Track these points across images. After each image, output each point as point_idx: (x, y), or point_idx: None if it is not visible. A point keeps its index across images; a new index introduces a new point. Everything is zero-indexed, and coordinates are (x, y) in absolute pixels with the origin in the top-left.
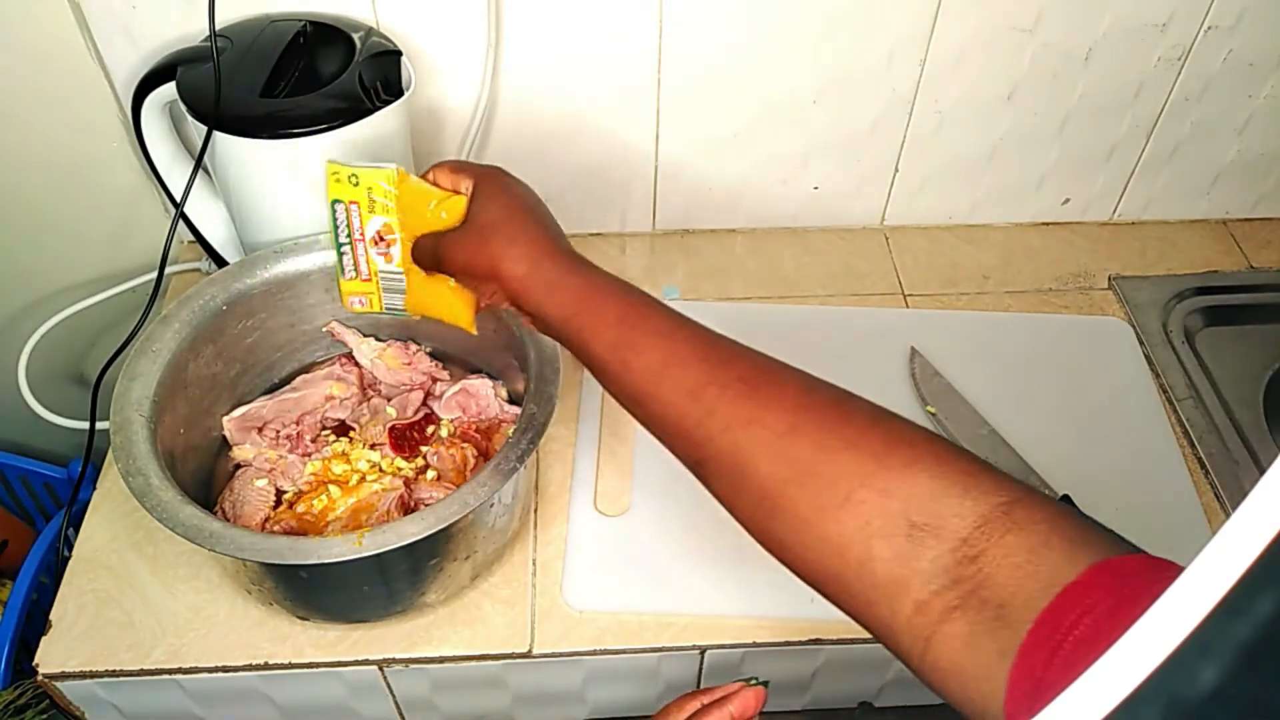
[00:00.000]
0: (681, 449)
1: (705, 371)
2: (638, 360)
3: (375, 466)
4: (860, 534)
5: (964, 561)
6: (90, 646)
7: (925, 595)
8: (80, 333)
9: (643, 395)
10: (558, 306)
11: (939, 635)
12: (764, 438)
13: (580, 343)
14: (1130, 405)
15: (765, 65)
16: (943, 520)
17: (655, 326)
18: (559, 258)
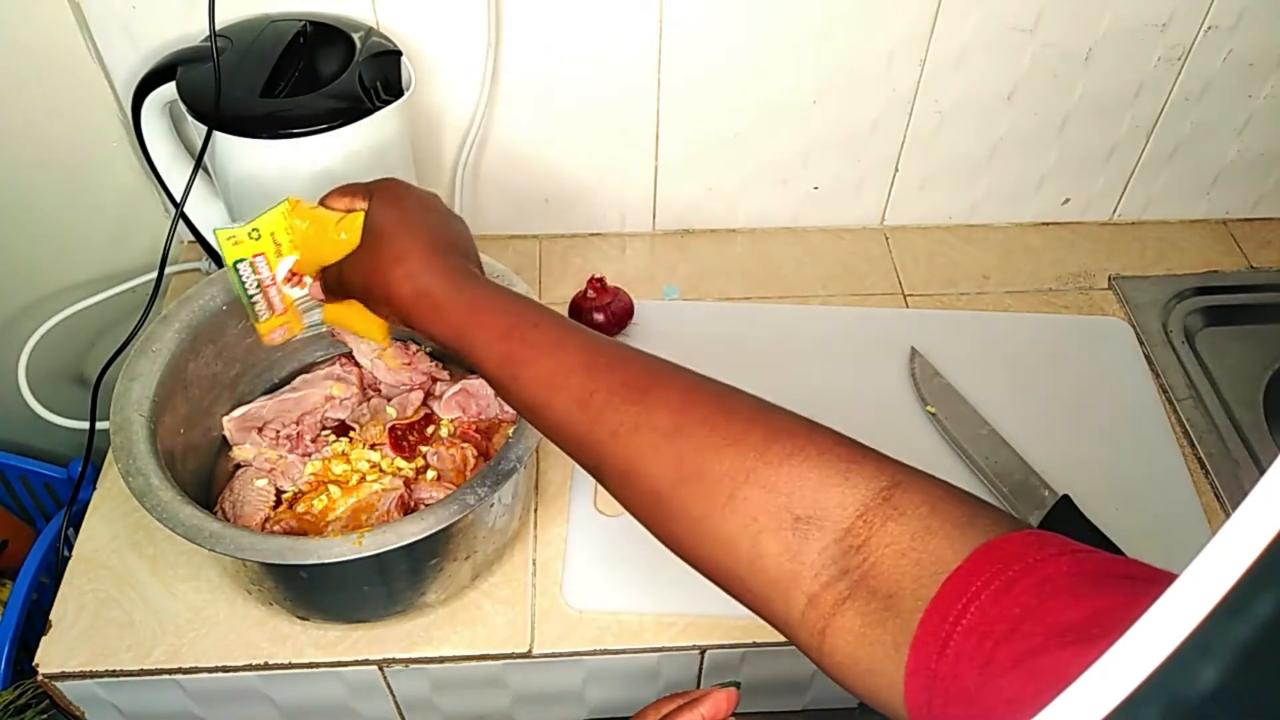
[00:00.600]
0: (578, 456)
1: (591, 379)
2: (527, 373)
3: (375, 466)
4: (747, 531)
5: (849, 551)
6: (90, 646)
7: (816, 588)
8: (80, 333)
9: (536, 406)
10: (445, 325)
11: (832, 628)
12: (651, 440)
13: (472, 359)
14: (1130, 405)
15: (765, 65)
16: (825, 511)
17: (541, 338)
18: (445, 274)
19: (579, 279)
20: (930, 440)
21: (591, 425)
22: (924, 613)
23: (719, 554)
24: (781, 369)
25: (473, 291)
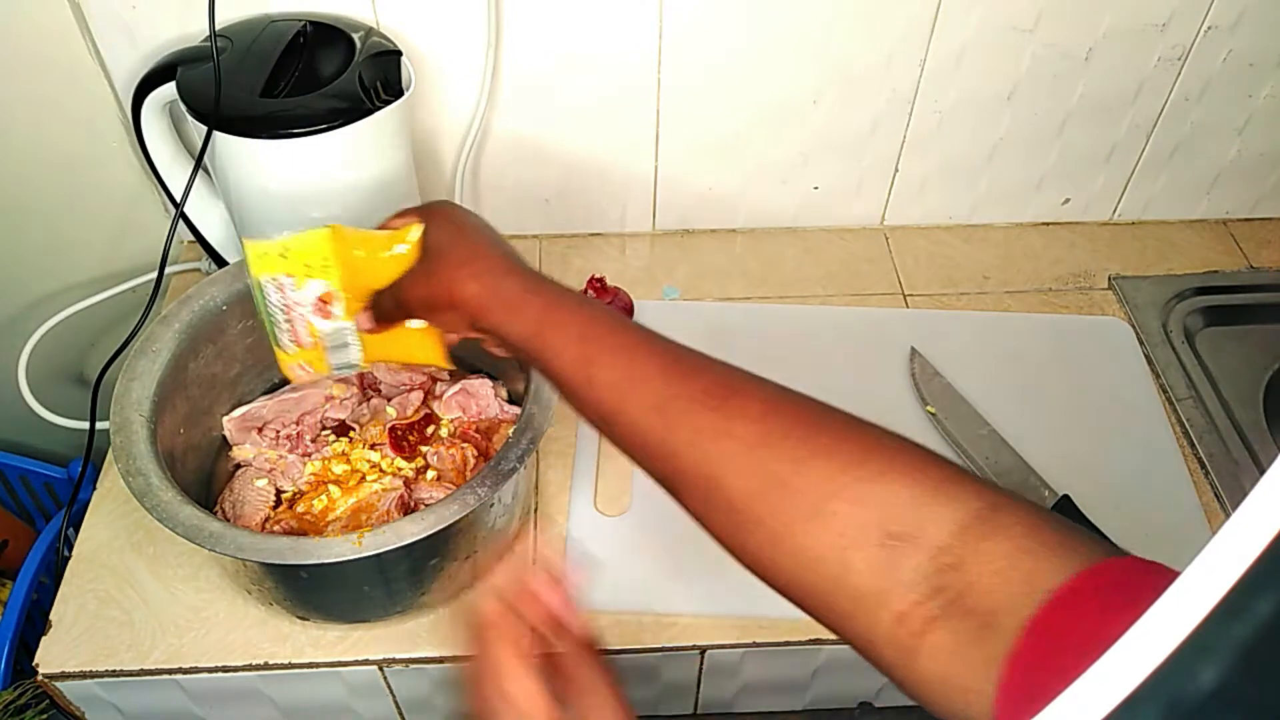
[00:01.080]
0: (651, 465)
1: (670, 385)
2: (601, 376)
3: (375, 466)
4: (835, 546)
5: (944, 570)
6: (90, 646)
7: (905, 606)
8: (80, 333)
9: (608, 412)
10: (518, 325)
11: (923, 646)
12: (732, 450)
13: (543, 361)
14: (1130, 405)
15: (765, 66)
16: (920, 529)
17: (618, 342)
18: (516, 275)
19: (579, 279)
20: (930, 440)
21: (668, 432)
22: (1022, 630)
23: (801, 569)
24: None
25: (548, 293)
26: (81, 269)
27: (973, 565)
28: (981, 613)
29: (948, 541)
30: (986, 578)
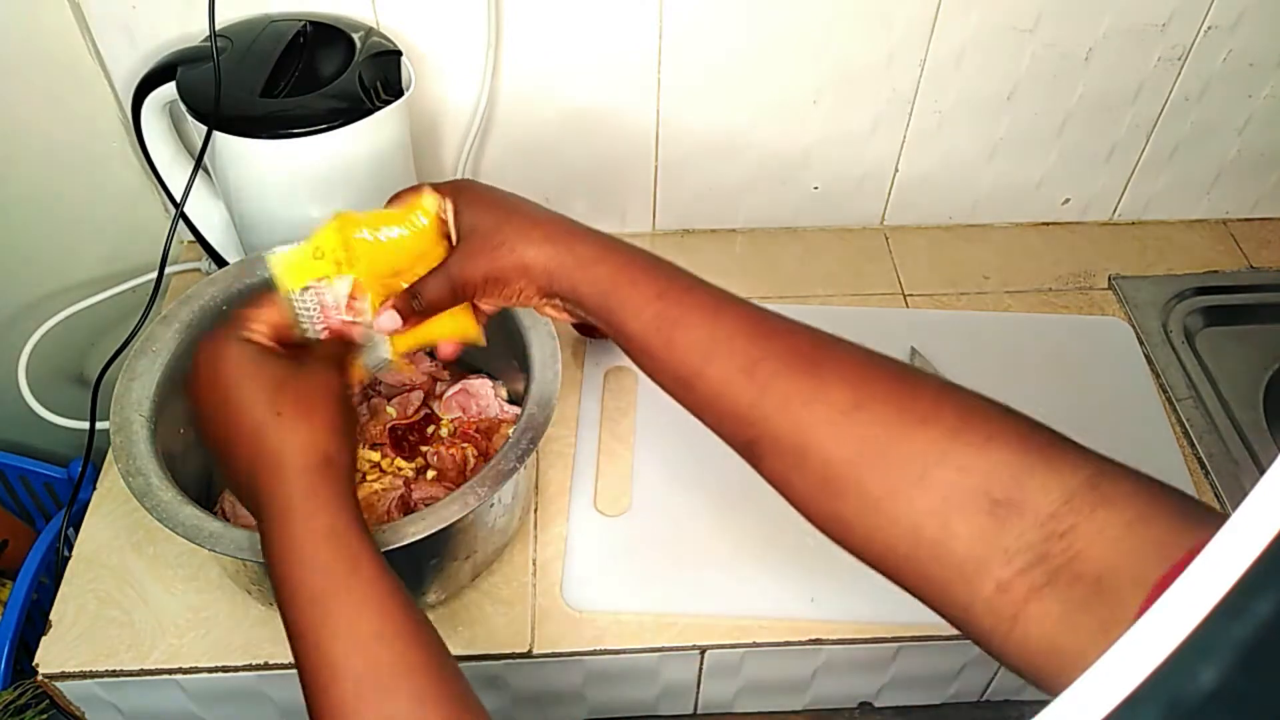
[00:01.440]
0: (732, 430)
1: (758, 346)
2: (683, 337)
3: (375, 466)
4: (936, 513)
5: (1051, 538)
6: (90, 646)
7: (1008, 574)
8: (80, 333)
9: (689, 374)
10: (593, 283)
11: (1026, 614)
12: (827, 415)
13: (619, 321)
14: (1130, 405)
15: (765, 66)
16: (1026, 496)
17: (699, 301)
18: (584, 235)
19: None
20: None
21: (758, 395)
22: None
23: (896, 537)
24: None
25: (621, 251)
26: (81, 269)
27: (1084, 533)
28: (1093, 579)
29: (1057, 509)
30: (1100, 545)
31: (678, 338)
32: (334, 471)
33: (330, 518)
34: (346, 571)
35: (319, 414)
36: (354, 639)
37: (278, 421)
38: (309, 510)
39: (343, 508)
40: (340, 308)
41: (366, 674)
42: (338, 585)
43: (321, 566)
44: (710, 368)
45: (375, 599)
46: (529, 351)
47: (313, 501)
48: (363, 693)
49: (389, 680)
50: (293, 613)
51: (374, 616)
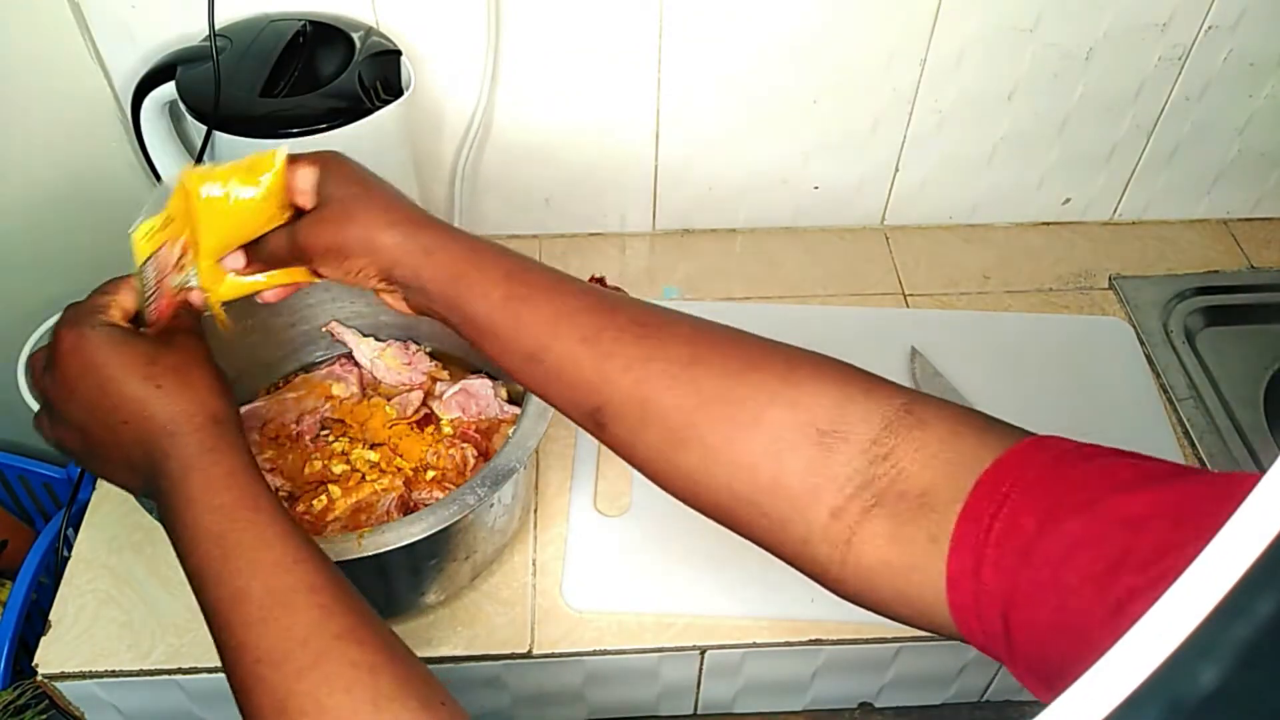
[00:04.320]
0: (577, 399)
1: (601, 317)
2: (529, 314)
3: (375, 466)
4: (771, 450)
5: (876, 461)
6: (90, 646)
7: (840, 500)
8: None
9: (536, 349)
10: (440, 268)
11: (859, 536)
12: (668, 370)
13: (464, 304)
14: (1130, 405)
15: (765, 64)
16: (850, 425)
17: (544, 280)
18: (433, 225)
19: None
20: None
21: (600, 362)
22: (969, 495)
23: (737, 479)
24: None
25: (467, 239)
26: (81, 269)
27: (904, 453)
28: (917, 494)
29: (878, 434)
30: (920, 461)
31: (525, 315)
32: (225, 427)
33: (230, 464)
34: (248, 510)
35: (196, 378)
36: (255, 567)
37: (159, 393)
38: (208, 462)
39: (240, 456)
40: (171, 269)
41: (268, 596)
42: (239, 521)
43: (221, 507)
44: (557, 341)
45: (275, 531)
46: None
47: (211, 454)
48: (265, 614)
49: (291, 598)
50: (195, 556)
51: (275, 546)
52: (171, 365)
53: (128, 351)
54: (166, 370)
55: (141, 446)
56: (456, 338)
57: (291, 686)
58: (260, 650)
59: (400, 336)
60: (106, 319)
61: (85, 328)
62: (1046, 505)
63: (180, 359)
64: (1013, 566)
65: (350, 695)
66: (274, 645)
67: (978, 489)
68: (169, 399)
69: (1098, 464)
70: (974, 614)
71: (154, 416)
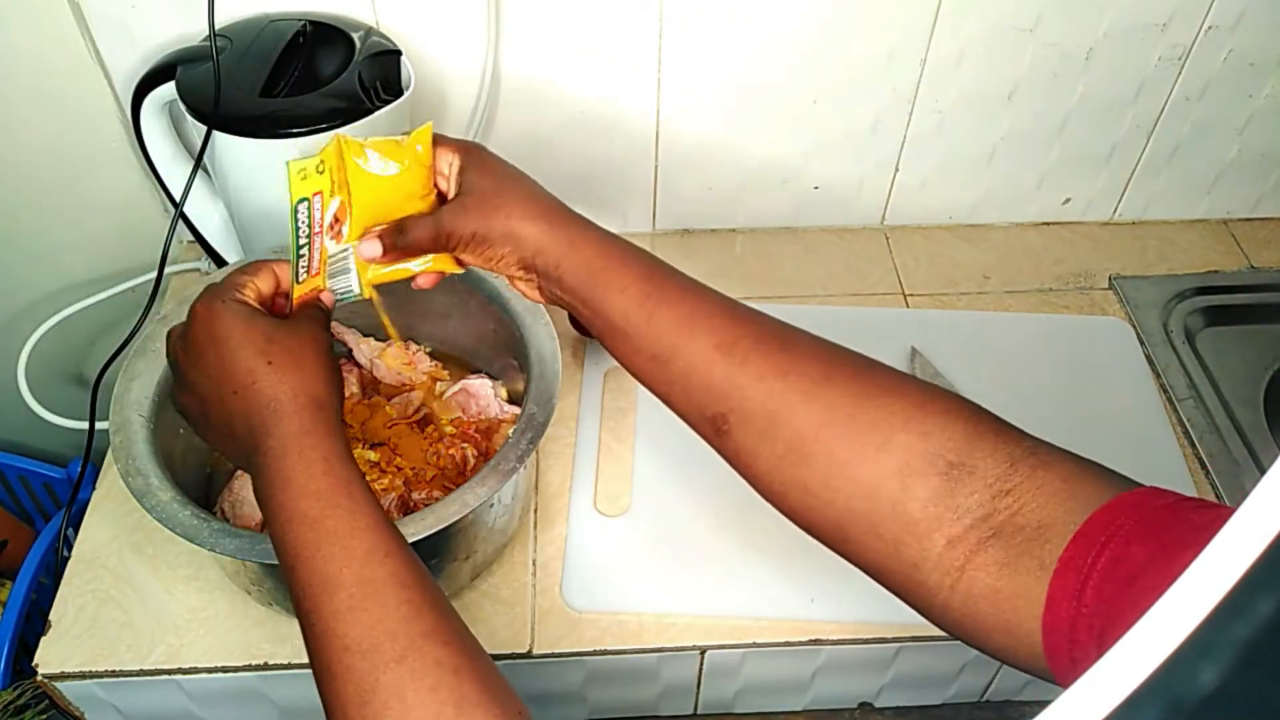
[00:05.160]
0: (702, 403)
1: (736, 325)
2: (665, 314)
3: (375, 466)
4: (898, 474)
5: (998, 495)
6: (90, 646)
7: (958, 530)
8: (80, 333)
9: (667, 349)
10: (581, 262)
11: (972, 564)
12: (801, 385)
13: (601, 298)
14: (1130, 405)
15: (765, 65)
16: (978, 461)
17: (680, 284)
18: (578, 219)
19: None
20: None
21: (733, 369)
22: (1082, 524)
23: (857, 498)
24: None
25: (609, 238)
26: (81, 269)
27: (1026, 490)
28: (1034, 527)
29: (1004, 471)
30: (1039, 499)
31: (660, 314)
32: (326, 413)
33: (325, 450)
34: (342, 496)
35: (308, 362)
36: (348, 555)
37: (270, 370)
38: (306, 444)
39: (337, 443)
40: (324, 227)
41: (359, 586)
42: (334, 508)
43: (317, 492)
44: (691, 343)
45: (367, 521)
46: (529, 351)
47: (310, 437)
48: (355, 604)
49: (382, 591)
50: (288, 538)
51: (367, 536)
52: (287, 346)
53: (251, 327)
54: (281, 350)
55: (246, 419)
56: (457, 338)
57: (378, 678)
58: (349, 639)
59: (401, 337)
60: (240, 296)
61: (218, 301)
62: (1160, 540)
63: (296, 341)
64: (1117, 591)
65: (435, 695)
66: (363, 635)
67: (1092, 520)
68: (277, 376)
69: (1215, 512)
70: (1067, 638)
71: (262, 390)
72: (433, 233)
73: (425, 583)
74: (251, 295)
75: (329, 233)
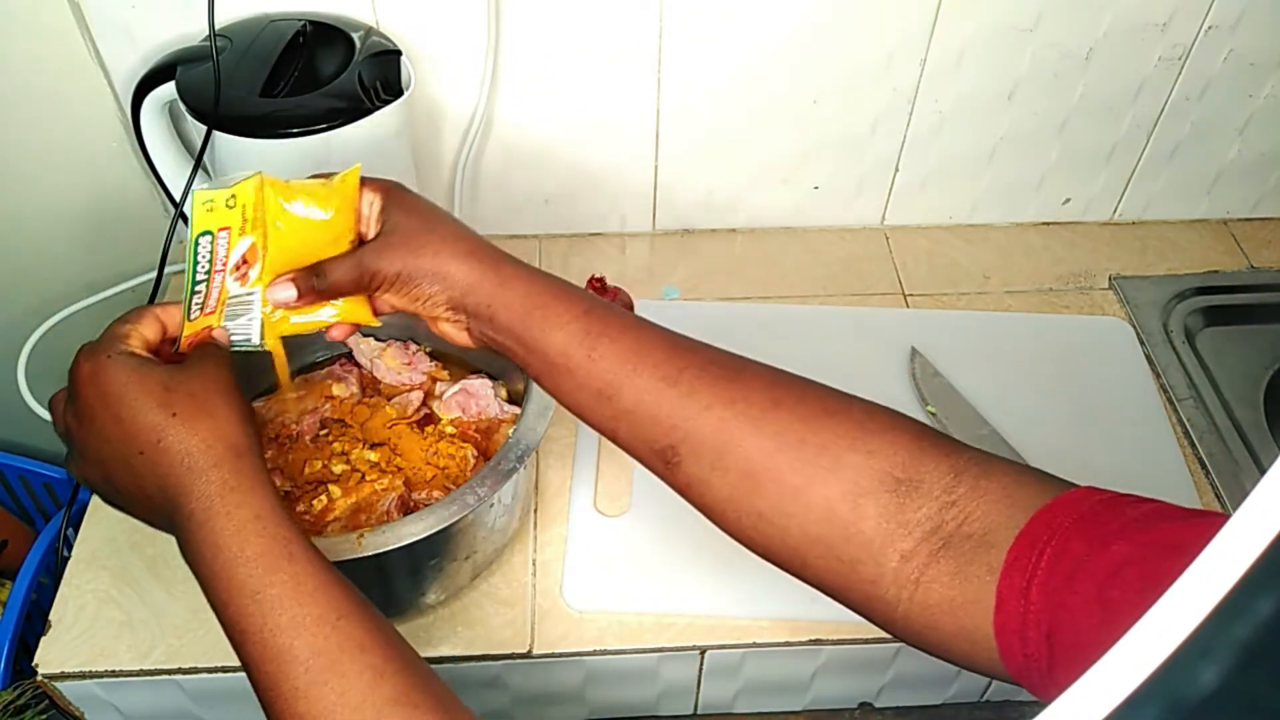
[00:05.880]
0: (650, 437)
1: (680, 357)
2: (610, 348)
3: (375, 466)
4: (849, 495)
5: (945, 507)
6: (90, 646)
7: (911, 545)
8: (80, 333)
9: (612, 384)
10: (514, 299)
11: (926, 576)
12: (749, 413)
13: (538, 336)
14: (1130, 405)
15: (765, 65)
16: (923, 474)
17: (620, 319)
18: (503, 256)
19: (579, 279)
20: None
21: (680, 400)
22: (1024, 526)
23: (811, 522)
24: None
25: (540, 274)
26: (81, 269)
27: (970, 499)
28: (980, 534)
29: (949, 482)
30: (984, 506)
31: (602, 349)
32: (246, 461)
33: (254, 508)
34: (282, 559)
35: (217, 407)
36: (299, 625)
37: (175, 423)
38: (231, 504)
39: (264, 496)
40: (226, 266)
41: (315, 658)
42: (275, 574)
43: (254, 558)
44: (636, 377)
45: (313, 583)
46: None
47: (234, 494)
48: (314, 677)
49: (341, 660)
50: (230, 611)
51: (315, 600)
52: (190, 392)
53: (144, 378)
54: (184, 397)
55: (158, 481)
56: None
57: None
58: (311, 716)
59: (400, 336)
60: (125, 347)
61: (102, 355)
62: (1098, 533)
63: (198, 385)
64: (1060, 586)
65: None
66: (325, 712)
67: (1033, 521)
68: (185, 428)
69: (1150, 506)
70: (1018, 636)
71: (170, 447)
72: (355, 274)
73: (385, 639)
74: (138, 344)
75: (233, 273)
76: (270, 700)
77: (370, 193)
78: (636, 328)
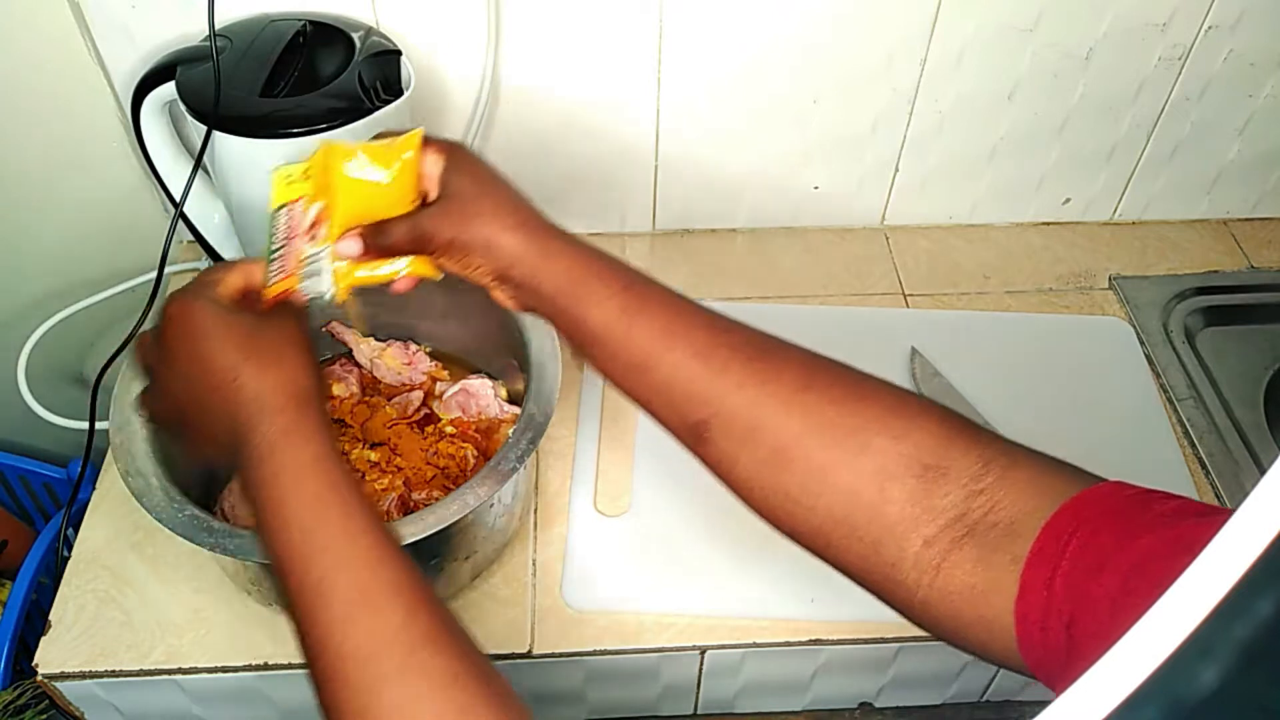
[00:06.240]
0: (683, 411)
1: (715, 335)
2: (645, 324)
3: (375, 466)
4: (876, 477)
5: (972, 495)
6: (90, 646)
7: (934, 530)
8: (80, 333)
9: (648, 359)
10: (557, 273)
11: (948, 562)
12: (780, 393)
13: (579, 310)
14: (1130, 405)
15: (765, 64)
16: (951, 462)
17: (659, 295)
18: (555, 230)
19: None
20: None
21: (713, 377)
22: (1052, 514)
23: (837, 503)
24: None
25: (585, 246)
26: (81, 269)
27: (999, 488)
28: (1006, 523)
29: (976, 471)
30: (1011, 496)
31: (640, 324)
32: (310, 408)
33: (314, 451)
34: (335, 500)
35: (289, 357)
36: (343, 562)
37: (250, 366)
38: (293, 443)
39: (325, 440)
40: (302, 232)
41: (355, 594)
42: (327, 512)
43: (309, 495)
44: (671, 352)
45: (361, 525)
46: (529, 351)
47: (296, 435)
48: (352, 613)
49: (378, 598)
50: (279, 542)
51: (362, 542)
52: (267, 340)
53: (228, 323)
54: (261, 345)
55: (228, 418)
56: (457, 338)
57: (377, 688)
58: (346, 648)
59: (400, 336)
60: (214, 294)
61: (192, 298)
62: (1127, 527)
63: (275, 335)
64: (1085, 577)
65: (436, 704)
66: (360, 644)
67: (1061, 512)
68: (259, 372)
69: (1177, 502)
70: (1039, 626)
71: (243, 387)
72: (411, 235)
73: (421, 587)
74: (225, 293)
75: (305, 236)
76: (306, 629)
77: (434, 153)
78: (675, 305)
